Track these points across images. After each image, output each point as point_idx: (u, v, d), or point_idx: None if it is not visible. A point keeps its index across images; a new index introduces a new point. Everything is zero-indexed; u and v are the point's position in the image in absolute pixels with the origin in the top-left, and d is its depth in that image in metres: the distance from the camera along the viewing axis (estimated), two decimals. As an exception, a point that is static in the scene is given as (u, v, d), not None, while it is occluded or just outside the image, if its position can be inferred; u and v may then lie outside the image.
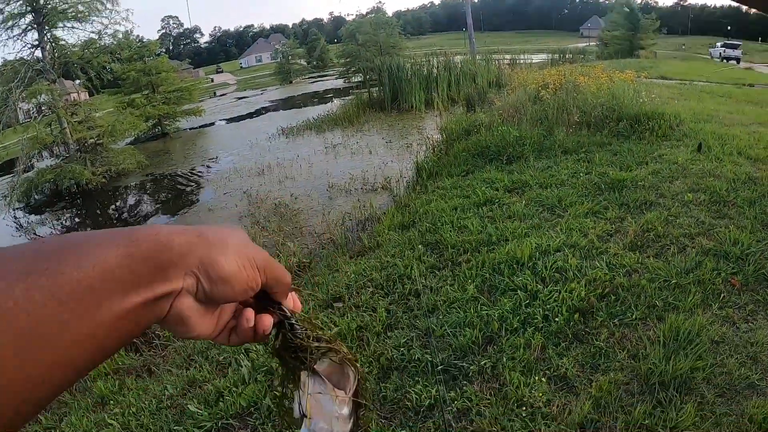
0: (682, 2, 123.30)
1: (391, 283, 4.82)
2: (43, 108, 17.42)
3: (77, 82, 21.11)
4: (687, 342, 3.37)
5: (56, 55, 18.06)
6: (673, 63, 32.35)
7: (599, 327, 3.66)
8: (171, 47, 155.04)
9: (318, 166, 13.26)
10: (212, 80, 79.30)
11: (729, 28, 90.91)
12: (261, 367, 3.83)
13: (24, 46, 17.67)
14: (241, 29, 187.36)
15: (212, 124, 28.08)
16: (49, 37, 17.87)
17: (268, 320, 0.67)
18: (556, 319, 3.77)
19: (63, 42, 18.50)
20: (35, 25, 17.53)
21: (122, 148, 18.66)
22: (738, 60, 46.11)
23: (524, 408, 3.02)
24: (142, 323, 0.51)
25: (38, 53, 17.78)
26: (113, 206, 14.99)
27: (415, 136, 15.15)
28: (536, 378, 3.23)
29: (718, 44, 52.25)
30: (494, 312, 3.98)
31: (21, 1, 17.15)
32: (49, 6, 17.56)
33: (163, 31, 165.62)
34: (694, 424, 2.79)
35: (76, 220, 14.16)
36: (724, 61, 46.56)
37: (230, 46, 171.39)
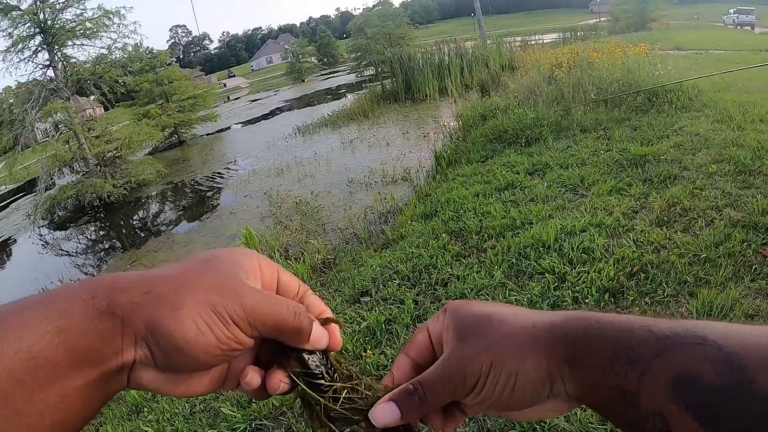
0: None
1: (418, 274, 4.80)
2: (59, 126, 17.64)
3: (92, 97, 21.35)
4: (721, 317, 3.31)
5: (68, 73, 18.28)
6: (687, 33, 31.79)
7: (630, 306, 3.61)
8: (181, 56, 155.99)
9: (336, 161, 13.27)
10: (225, 85, 79.58)
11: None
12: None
13: (36, 67, 17.94)
14: (250, 32, 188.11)
15: (228, 128, 28.19)
16: (59, 56, 18.09)
17: (277, 379, 0.53)
18: (586, 301, 3.72)
19: (74, 59, 18.75)
20: (45, 46, 17.76)
21: (141, 159, 18.84)
22: (752, 26, 45.21)
23: (560, 393, 2.98)
24: (92, 405, 0.44)
25: (50, 73, 18.01)
26: (136, 217, 15.13)
27: (431, 125, 15.09)
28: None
29: (731, 11, 51.27)
30: (523, 297, 3.94)
31: (29, 24, 17.36)
32: (57, 26, 17.76)
33: (172, 40, 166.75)
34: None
35: (101, 233, 14.33)
36: (738, 27, 45.69)
37: (240, 50, 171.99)
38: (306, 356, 0.54)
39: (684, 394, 0.42)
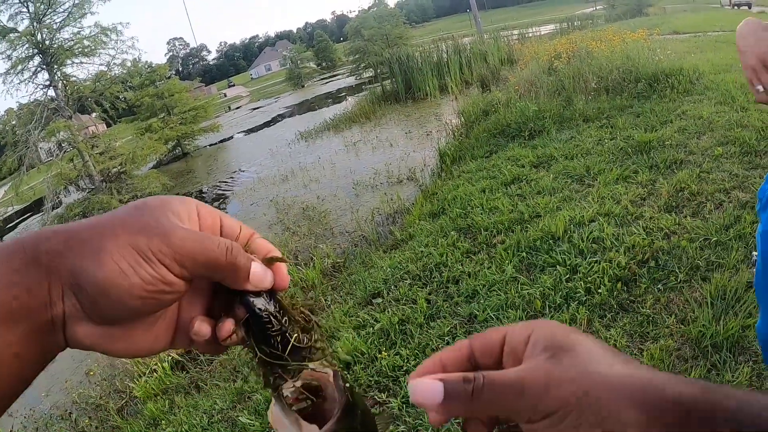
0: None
1: (428, 273, 4.80)
2: (63, 145, 17.72)
3: (93, 114, 21.46)
4: (735, 300, 3.29)
5: (69, 91, 18.37)
6: (684, 16, 31.72)
7: (644, 294, 3.59)
8: (180, 68, 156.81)
9: (341, 165, 13.27)
10: (225, 95, 79.75)
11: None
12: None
13: (36, 88, 18.02)
14: (247, 41, 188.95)
15: (231, 137, 28.26)
16: (59, 75, 18.18)
17: (227, 328, 0.50)
18: (599, 291, 3.71)
19: (74, 78, 18.83)
20: (44, 66, 17.85)
21: (146, 173, 18.92)
22: (749, 5, 44.93)
23: (578, 384, 2.97)
24: (27, 362, 0.42)
25: (51, 92, 18.10)
26: (144, 231, 15.15)
27: (433, 123, 15.08)
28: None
29: (728, -8, 50.98)
30: (535, 290, 3.94)
31: (27, 45, 17.45)
32: (55, 45, 17.84)
33: (170, 53, 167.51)
34: (751, 383, 2.72)
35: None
36: (735, 8, 45.44)
37: (238, 59, 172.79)
38: (251, 299, 0.50)
39: None
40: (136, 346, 0.48)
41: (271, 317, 0.50)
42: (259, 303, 0.50)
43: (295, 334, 0.51)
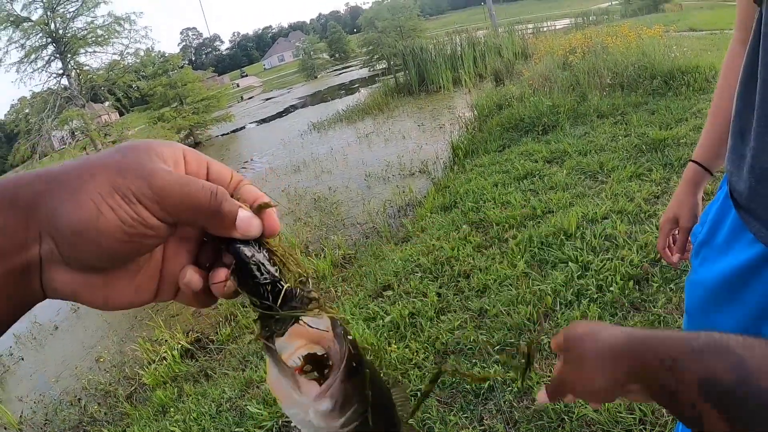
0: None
1: (439, 267, 4.79)
2: (76, 133, 17.80)
3: (106, 103, 21.54)
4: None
5: (82, 80, 18.43)
6: (701, 13, 31.31)
7: (656, 293, 3.57)
8: (193, 58, 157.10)
9: (353, 156, 13.26)
10: (237, 85, 79.91)
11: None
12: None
13: (50, 77, 18.11)
14: (260, 31, 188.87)
15: (243, 127, 28.27)
16: (72, 64, 18.26)
17: (220, 275, 0.49)
18: (611, 289, 3.69)
19: (87, 67, 18.94)
20: (58, 55, 17.94)
21: (158, 162, 18.90)
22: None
23: (588, 381, 2.96)
24: (1, 306, 0.41)
25: (64, 81, 18.18)
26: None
27: (446, 116, 15.02)
28: (597, 349, 3.17)
29: (747, -12, 50.33)
30: (546, 286, 3.92)
31: (41, 34, 17.49)
32: (69, 34, 17.88)
33: (183, 43, 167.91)
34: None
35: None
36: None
37: (251, 49, 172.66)
38: (239, 247, 0.48)
39: (707, 392, 0.58)
40: (118, 298, 0.47)
41: (260, 265, 0.48)
42: (248, 251, 0.48)
43: (287, 284, 0.49)
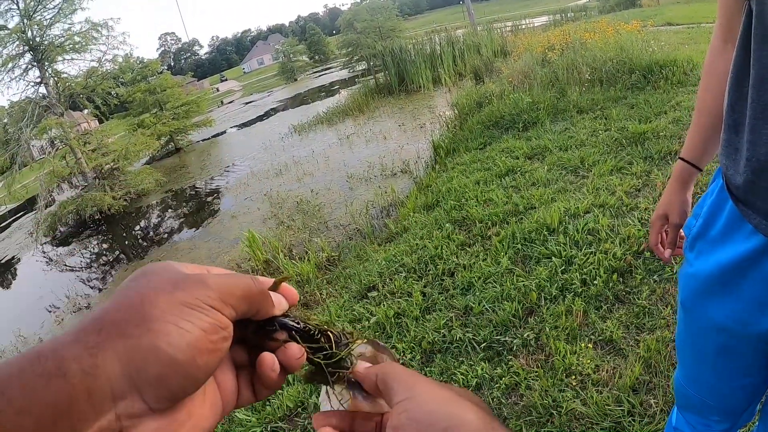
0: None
1: (424, 266, 4.78)
2: (55, 142, 17.58)
3: (85, 111, 21.30)
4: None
5: (60, 88, 18.20)
6: (678, 7, 31.60)
7: (639, 285, 3.58)
8: (172, 63, 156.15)
9: (334, 158, 13.22)
10: (217, 89, 79.40)
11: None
12: (305, 365, 3.82)
13: (27, 85, 17.86)
14: (239, 35, 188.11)
15: (224, 132, 28.11)
16: (50, 72, 18.01)
17: (293, 350, 0.51)
18: (595, 282, 3.70)
19: (65, 75, 18.65)
20: (35, 63, 17.68)
21: (139, 170, 18.77)
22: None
23: (573, 377, 2.96)
24: None
25: (42, 89, 17.94)
26: (138, 227, 15.09)
27: (427, 115, 15.04)
28: (582, 345, 3.17)
29: (722, -19, 50.86)
30: (531, 282, 3.92)
31: (17, 42, 17.28)
32: (46, 42, 17.67)
33: (162, 48, 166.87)
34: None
35: (104, 245, 14.28)
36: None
37: (230, 53, 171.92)
38: (284, 320, 0.52)
39: None
40: (202, 423, 0.45)
41: (308, 326, 0.53)
42: (292, 320, 0.52)
43: (329, 332, 0.55)
